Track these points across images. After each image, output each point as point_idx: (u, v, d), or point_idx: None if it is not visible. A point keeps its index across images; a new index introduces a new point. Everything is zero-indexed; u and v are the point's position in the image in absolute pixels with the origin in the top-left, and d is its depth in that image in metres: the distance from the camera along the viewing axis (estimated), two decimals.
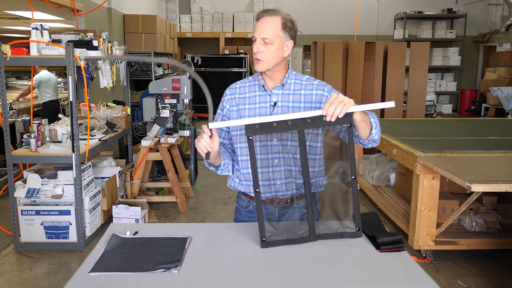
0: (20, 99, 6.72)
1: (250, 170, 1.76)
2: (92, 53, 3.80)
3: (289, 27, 1.71)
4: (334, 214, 1.75)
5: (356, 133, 1.62)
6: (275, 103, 1.76)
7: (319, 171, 1.84)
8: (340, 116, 1.47)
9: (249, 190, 1.84)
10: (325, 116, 1.48)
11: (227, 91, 1.87)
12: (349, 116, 1.50)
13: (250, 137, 1.53)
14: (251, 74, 8.09)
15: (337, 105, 1.46)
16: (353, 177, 1.55)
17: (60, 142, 3.73)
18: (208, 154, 1.62)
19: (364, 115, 1.58)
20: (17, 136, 5.32)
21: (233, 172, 1.89)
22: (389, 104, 1.54)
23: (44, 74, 6.09)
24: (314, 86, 1.77)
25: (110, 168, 4.27)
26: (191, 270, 1.42)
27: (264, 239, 1.55)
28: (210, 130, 1.58)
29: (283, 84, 1.76)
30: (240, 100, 1.81)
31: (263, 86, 1.77)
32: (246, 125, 1.52)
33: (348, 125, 1.53)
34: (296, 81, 1.79)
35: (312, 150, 1.79)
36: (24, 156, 3.49)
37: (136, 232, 1.69)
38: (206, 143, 1.59)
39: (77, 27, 5.46)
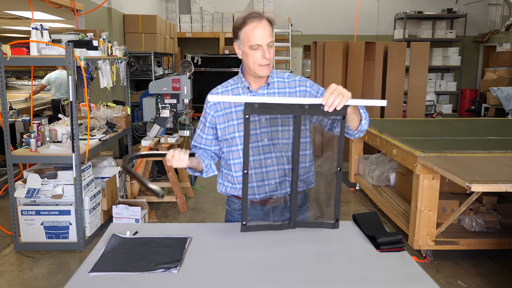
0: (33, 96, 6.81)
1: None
2: (92, 53, 3.80)
3: (274, 25, 1.73)
4: (317, 205, 1.78)
5: (345, 124, 1.64)
6: None
7: (309, 166, 1.85)
8: (338, 108, 1.49)
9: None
10: (324, 106, 1.49)
11: (209, 97, 1.82)
12: (344, 108, 1.52)
13: (247, 116, 1.52)
14: None
15: (336, 96, 1.48)
16: (339, 168, 1.57)
17: (60, 142, 3.73)
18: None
19: (355, 107, 1.61)
20: (17, 136, 5.32)
21: (222, 177, 1.89)
22: (382, 103, 1.58)
23: (53, 73, 6.24)
24: (297, 83, 1.79)
25: (110, 168, 4.27)
26: (191, 270, 1.42)
27: (244, 223, 1.57)
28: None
29: (268, 84, 1.77)
30: (225, 104, 1.79)
31: (248, 88, 1.77)
32: (245, 103, 1.52)
33: (342, 117, 1.54)
34: (279, 79, 1.80)
35: (302, 146, 1.78)
36: (24, 156, 3.49)
37: (136, 232, 1.69)
38: (182, 156, 1.61)
39: (77, 27, 5.46)
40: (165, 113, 4.48)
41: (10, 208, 3.53)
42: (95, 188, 3.80)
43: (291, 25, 9.39)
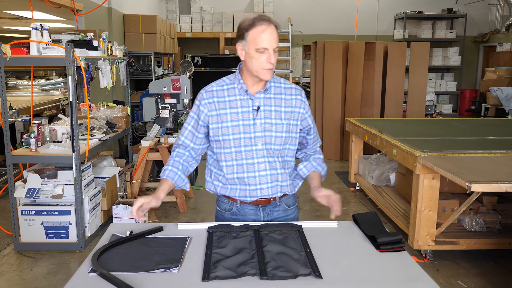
0: None
1: (236, 175, 1.78)
2: (92, 53, 3.80)
3: (279, 31, 1.74)
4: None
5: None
6: (258, 108, 1.75)
7: (293, 165, 1.90)
8: None
9: (234, 194, 1.83)
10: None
11: (204, 94, 1.80)
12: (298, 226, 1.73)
13: (211, 232, 1.68)
14: None
15: None
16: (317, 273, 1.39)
17: (60, 142, 3.73)
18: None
19: (319, 179, 1.88)
20: (17, 136, 5.31)
21: (211, 176, 1.88)
22: (332, 224, 1.79)
23: None
24: (293, 91, 1.82)
25: (110, 168, 4.27)
26: (191, 270, 1.42)
27: (206, 275, 1.37)
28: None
29: (266, 89, 1.76)
30: (220, 104, 1.77)
31: (246, 91, 1.76)
32: (208, 227, 1.73)
33: (297, 231, 1.68)
34: (275, 84, 1.80)
35: (290, 153, 1.83)
36: (24, 156, 3.49)
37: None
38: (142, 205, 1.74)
39: (77, 27, 5.46)
40: (165, 113, 4.48)
41: (10, 208, 3.53)
42: (95, 188, 3.80)
43: (291, 25, 9.38)
